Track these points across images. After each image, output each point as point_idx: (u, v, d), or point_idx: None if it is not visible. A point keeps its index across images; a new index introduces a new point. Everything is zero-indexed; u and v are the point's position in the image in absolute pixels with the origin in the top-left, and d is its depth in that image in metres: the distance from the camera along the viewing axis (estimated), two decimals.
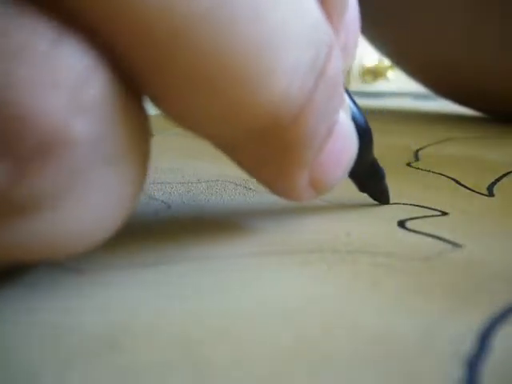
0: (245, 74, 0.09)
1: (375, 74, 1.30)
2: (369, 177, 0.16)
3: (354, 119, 0.14)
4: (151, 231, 0.14)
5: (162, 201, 0.16)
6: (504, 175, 0.21)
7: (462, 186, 0.19)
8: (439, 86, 0.41)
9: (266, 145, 0.11)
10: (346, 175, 0.14)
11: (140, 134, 0.10)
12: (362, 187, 0.17)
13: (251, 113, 0.10)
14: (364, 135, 0.15)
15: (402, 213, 0.16)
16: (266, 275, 0.11)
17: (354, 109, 0.15)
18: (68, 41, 0.08)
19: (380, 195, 0.17)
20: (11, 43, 0.08)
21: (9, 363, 0.08)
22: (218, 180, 0.18)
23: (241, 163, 0.12)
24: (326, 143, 0.12)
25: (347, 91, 0.14)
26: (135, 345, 0.09)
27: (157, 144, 0.12)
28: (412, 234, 0.14)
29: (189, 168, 0.20)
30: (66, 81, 0.08)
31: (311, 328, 0.09)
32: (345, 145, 0.13)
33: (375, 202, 0.17)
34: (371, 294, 0.11)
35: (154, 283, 0.11)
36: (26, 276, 0.11)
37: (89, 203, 0.09)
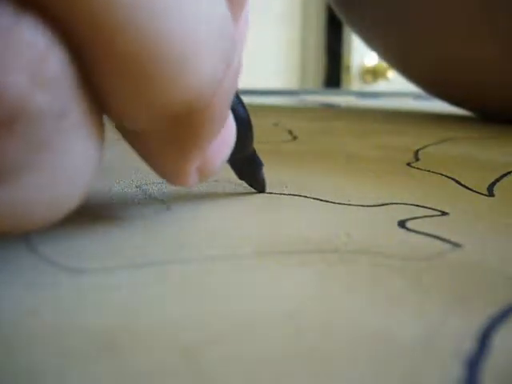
0: (176, 59, 0.10)
1: (375, 73, 1.30)
2: (248, 165, 0.17)
3: (235, 109, 0.15)
4: (151, 231, 0.14)
5: (162, 201, 0.16)
6: (504, 175, 0.21)
7: (462, 185, 0.19)
8: (436, 87, 0.41)
9: (175, 129, 0.12)
10: (226, 163, 0.15)
11: (96, 108, 0.10)
12: (241, 175, 0.17)
13: (178, 97, 0.10)
14: (245, 124, 0.16)
15: (402, 213, 0.16)
16: (266, 275, 0.11)
17: (235, 99, 0.15)
18: (26, 19, 0.09)
19: (257, 184, 0.18)
20: None
21: (9, 364, 0.08)
22: (217, 180, 0.18)
23: (142, 146, 0.13)
24: (221, 129, 0.13)
25: None
26: (135, 346, 0.09)
27: None
28: (412, 233, 0.14)
29: None
30: (27, 56, 0.09)
31: (311, 328, 0.09)
32: (227, 133, 0.14)
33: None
34: (371, 293, 0.11)
35: (153, 284, 0.11)
36: (25, 276, 0.11)
37: (62, 169, 0.10)
